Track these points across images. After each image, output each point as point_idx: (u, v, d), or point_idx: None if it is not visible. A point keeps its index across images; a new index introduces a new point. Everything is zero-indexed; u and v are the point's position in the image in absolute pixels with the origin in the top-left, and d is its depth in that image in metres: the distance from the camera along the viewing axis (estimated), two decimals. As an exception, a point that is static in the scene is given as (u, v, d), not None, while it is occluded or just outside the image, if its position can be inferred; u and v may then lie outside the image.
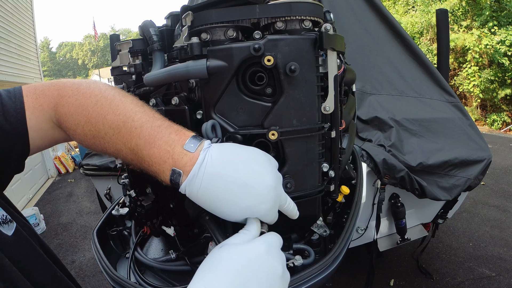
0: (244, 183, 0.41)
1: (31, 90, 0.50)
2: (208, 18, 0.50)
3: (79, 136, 0.49)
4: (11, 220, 0.47)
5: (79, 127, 0.48)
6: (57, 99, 0.49)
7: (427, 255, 3.07)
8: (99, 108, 0.47)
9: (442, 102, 2.20)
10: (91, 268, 3.40)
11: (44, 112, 0.49)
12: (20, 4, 6.81)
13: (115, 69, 0.79)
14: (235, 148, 0.44)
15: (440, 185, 1.84)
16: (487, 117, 11.08)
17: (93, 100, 0.48)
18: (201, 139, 0.45)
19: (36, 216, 4.36)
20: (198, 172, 0.41)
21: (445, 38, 2.60)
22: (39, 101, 0.49)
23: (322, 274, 0.57)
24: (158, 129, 0.45)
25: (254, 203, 0.41)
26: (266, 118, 0.50)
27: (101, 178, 2.46)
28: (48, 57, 55.26)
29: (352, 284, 2.79)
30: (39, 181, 6.59)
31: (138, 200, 0.76)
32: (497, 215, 3.89)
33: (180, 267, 0.68)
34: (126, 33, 54.88)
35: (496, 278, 2.75)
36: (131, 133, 0.45)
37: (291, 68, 0.47)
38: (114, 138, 0.46)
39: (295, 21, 0.50)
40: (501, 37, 9.76)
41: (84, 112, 0.48)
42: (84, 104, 0.48)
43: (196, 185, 0.41)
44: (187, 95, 0.57)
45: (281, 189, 0.45)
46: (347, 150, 0.85)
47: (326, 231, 0.63)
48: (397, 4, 13.04)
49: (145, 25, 0.67)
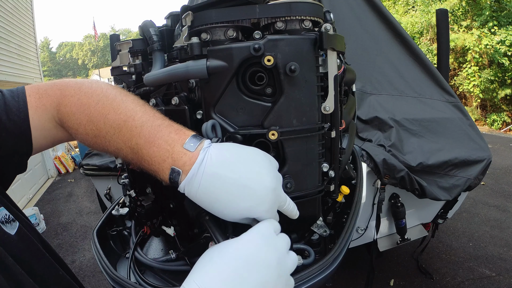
0: (243, 184, 0.41)
1: (34, 89, 0.51)
2: (208, 18, 0.50)
3: (81, 136, 0.49)
4: (14, 219, 0.47)
5: (81, 126, 0.48)
6: (59, 99, 0.50)
7: (427, 255, 3.07)
8: (100, 107, 0.47)
9: (442, 102, 2.20)
10: (91, 268, 3.40)
11: (47, 111, 0.50)
12: (20, 4, 6.81)
13: (115, 69, 0.79)
14: (235, 148, 0.44)
15: (440, 185, 1.84)
16: (487, 117, 11.08)
17: (94, 100, 0.48)
18: (201, 138, 0.45)
19: (36, 216, 4.36)
20: (198, 172, 0.41)
21: (445, 38, 2.60)
22: (42, 100, 0.50)
23: (322, 274, 0.57)
24: (158, 128, 0.45)
25: (253, 205, 0.41)
26: (266, 118, 0.50)
27: (101, 178, 2.46)
28: (48, 57, 55.25)
29: (352, 284, 2.79)
30: (39, 181, 6.59)
31: (138, 200, 0.76)
32: (497, 215, 3.89)
33: (180, 267, 0.68)
34: (126, 33, 54.88)
35: (496, 278, 2.75)
36: (132, 132, 0.45)
37: (291, 68, 0.47)
38: (115, 137, 0.46)
39: (295, 21, 0.50)
40: (501, 37, 9.76)
41: (86, 112, 0.48)
42: (86, 103, 0.48)
43: (195, 184, 0.41)
44: (187, 95, 0.57)
45: (280, 190, 0.45)
46: (347, 150, 0.85)
47: (326, 231, 0.63)
48: (397, 4, 13.04)
49: (145, 25, 0.67)
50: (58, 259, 0.54)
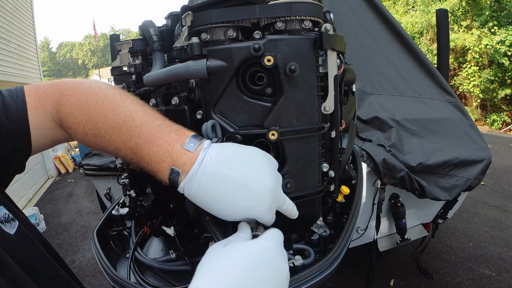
0: (243, 184, 0.41)
1: (33, 89, 0.50)
2: (208, 18, 0.50)
3: (80, 135, 0.49)
4: (13, 218, 0.47)
5: (80, 126, 0.48)
6: (58, 98, 0.50)
7: (427, 255, 3.07)
8: (100, 107, 0.47)
9: (442, 102, 2.20)
10: (91, 268, 3.40)
11: (46, 111, 0.50)
12: (20, 4, 6.81)
13: (115, 69, 0.79)
14: (235, 148, 0.44)
15: (440, 185, 1.84)
16: (487, 117, 11.08)
17: (94, 99, 0.48)
18: (201, 138, 0.44)
19: (36, 216, 4.36)
20: (197, 172, 0.41)
21: (445, 38, 2.60)
22: (41, 100, 0.50)
23: (322, 274, 0.57)
24: (158, 129, 0.45)
25: (252, 204, 0.41)
26: (266, 118, 0.50)
27: (101, 178, 2.46)
28: (48, 57, 55.26)
29: (352, 284, 2.79)
30: (39, 181, 6.59)
31: (138, 200, 0.76)
32: (497, 215, 3.89)
33: (180, 267, 0.68)
34: (126, 33, 54.89)
35: (496, 278, 2.75)
36: (131, 132, 0.45)
37: (291, 68, 0.47)
38: (114, 136, 0.46)
39: (295, 21, 0.50)
40: (501, 37, 9.76)
41: (85, 111, 0.48)
42: (85, 103, 0.48)
43: (195, 184, 0.41)
44: (187, 95, 0.57)
45: (280, 190, 0.45)
46: (347, 150, 0.85)
47: (326, 231, 0.63)
48: (397, 4, 13.04)
49: (145, 25, 0.67)
50: (58, 258, 0.54)
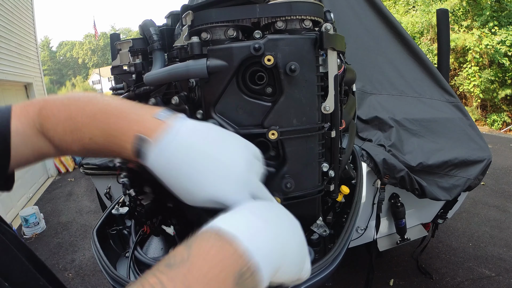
0: (213, 157, 0.38)
1: (21, 103, 0.50)
2: (208, 18, 0.50)
3: (58, 136, 0.47)
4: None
5: (59, 125, 0.47)
6: (41, 103, 0.49)
7: (427, 255, 3.07)
8: (81, 103, 0.47)
9: (442, 102, 2.20)
10: (91, 267, 3.40)
11: (29, 117, 0.49)
12: (20, 3, 6.80)
13: (115, 68, 0.79)
14: (212, 125, 0.43)
15: (440, 185, 1.84)
16: (487, 117, 11.07)
17: (75, 98, 0.48)
18: (177, 113, 0.42)
19: (36, 215, 4.36)
20: (165, 140, 0.38)
21: (446, 38, 2.60)
22: (26, 108, 0.49)
23: (322, 273, 0.57)
24: (133, 107, 0.43)
25: (220, 181, 0.38)
26: (266, 117, 0.50)
27: (101, 177, 2.46)
28: (48, 56, 55.27)
29: (352, 284, 2.79)
30: (39, 180, 6.59)
31: (137, 199, 0.76)
32: (497, 215, 3.89)
33: (179, 266, 0.68)
34: (126, 32, 54.87)
35: (496, 278, 2.75)
36: (106, 114, 0.43)
37: (291, 68, 0.47)
38: (90, 125, 0.44)
39: (295, 21, 0.50)
40: (501, 37, 9.75)
41: (67, 110, 0.47)
42: (67, 103, 0.48)
43: (162, 154, 0.38)
44: (187, 95, 0.57)
45: (255, 177, 0.42)
46: (347, 150, 0.85)
47: (326, 231, 0.63)
48: (398, 4, 13.02)
49: (145, 24, 0.67)
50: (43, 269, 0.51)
